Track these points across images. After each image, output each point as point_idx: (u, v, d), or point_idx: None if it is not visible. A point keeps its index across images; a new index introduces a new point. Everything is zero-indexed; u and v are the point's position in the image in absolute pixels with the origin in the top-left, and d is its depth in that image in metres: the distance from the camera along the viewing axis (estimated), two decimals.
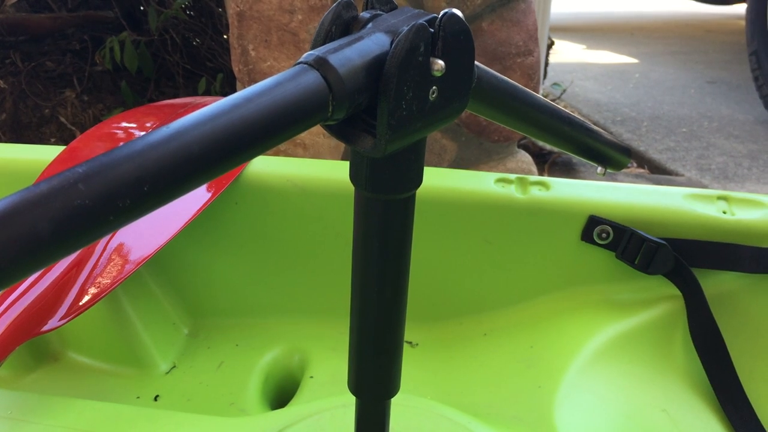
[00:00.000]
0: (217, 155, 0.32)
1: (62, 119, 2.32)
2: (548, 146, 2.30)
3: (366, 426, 0.60)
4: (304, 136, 1.57)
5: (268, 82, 0.35)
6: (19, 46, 2.42)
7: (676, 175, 2.42)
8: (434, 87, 0.41)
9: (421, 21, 0.39)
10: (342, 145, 1.59)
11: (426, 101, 0.41)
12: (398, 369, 0.56)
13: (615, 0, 7.05)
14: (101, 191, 0.28)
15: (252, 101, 0.33)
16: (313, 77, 0.36)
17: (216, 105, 0.33)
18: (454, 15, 0.41)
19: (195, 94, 2.38)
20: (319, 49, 0.37)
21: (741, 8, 3.89)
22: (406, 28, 0.39)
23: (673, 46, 4.82)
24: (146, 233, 0.89)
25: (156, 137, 0.30)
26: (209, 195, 0.92)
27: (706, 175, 2.40)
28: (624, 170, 2.36)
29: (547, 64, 2.86)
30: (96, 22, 2.51)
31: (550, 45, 2.90)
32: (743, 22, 3.31)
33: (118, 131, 1.10)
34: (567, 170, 2.29)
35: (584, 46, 4.86)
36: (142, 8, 2.47)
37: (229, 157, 0.32)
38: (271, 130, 0.34)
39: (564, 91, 3.01)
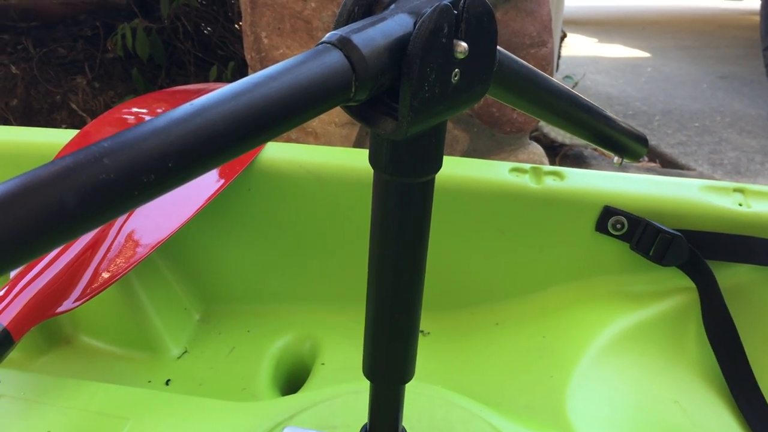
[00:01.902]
0: (240, 133, 0.31)
1: (73, 106, 2.32)
2: (560, 138, 2.29)
3: (380, 411, 0.60)
4: (316, 124, 1.57)
5: (290, 61, 0.34)
6: (31, 32, 2.43)
7: (688, 169, 2.41)
8: (457, 69, 0.41)
9: (444, 2, 0.39)
10: (353, 134, 1.58)
11: (448, 84, 0.41)
12: (413, 354, 0.56)
13: None
14: (126, 166, 0.28)
15: (275, 80, 0.33)
16: (336, 57, 0.35)
17: (239, 83, 0.32)
18: None
19: (206, 81, 2.38)
20: (342, 29, 0.37)
21: (755, 3, 3.86)
22: (429, 9, 0.38)
23: (686, 40, 4.79)
24: (159, 218, 0.90)
25: (180, 114, 0.30)
26: (222, 181, 0.92)
27: (718, 170, 2.39)
28: (635, 164, 2.35)
29: (559, 56, 2.85)
30: (108, 8, 2.51)
31: (563, 37, 2.89)
32: (756, 18, 3.29)
33: (130, 117, 1.10)
34: (578, 163, 2.29)
35: (596, 40, 4.84)
36: None
37: (252, 136, 0.32)
38: (293, 109, 0.33)
39: (576, 84, 3.00)
